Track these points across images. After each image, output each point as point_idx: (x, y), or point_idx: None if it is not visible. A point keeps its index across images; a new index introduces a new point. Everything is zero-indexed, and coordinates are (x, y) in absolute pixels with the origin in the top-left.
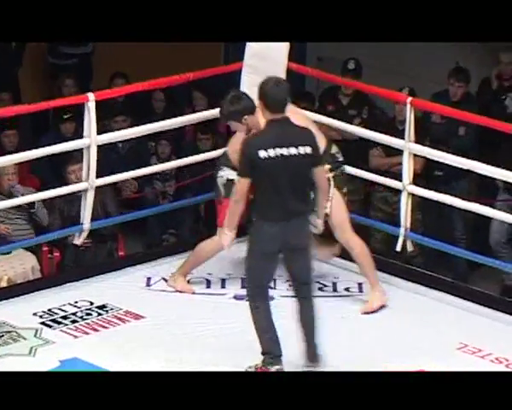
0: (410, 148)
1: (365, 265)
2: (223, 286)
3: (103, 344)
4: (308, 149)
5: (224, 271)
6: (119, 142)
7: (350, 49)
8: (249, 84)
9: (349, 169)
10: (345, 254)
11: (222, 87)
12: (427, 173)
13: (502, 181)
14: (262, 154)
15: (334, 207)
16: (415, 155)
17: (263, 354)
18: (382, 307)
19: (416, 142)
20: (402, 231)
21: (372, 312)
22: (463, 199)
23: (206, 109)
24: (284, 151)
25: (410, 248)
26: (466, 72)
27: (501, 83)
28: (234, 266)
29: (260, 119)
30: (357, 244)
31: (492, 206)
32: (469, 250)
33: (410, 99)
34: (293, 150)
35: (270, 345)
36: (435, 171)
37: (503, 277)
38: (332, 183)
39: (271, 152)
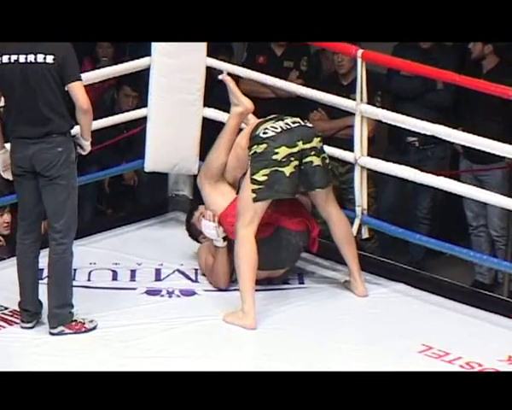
0: (362, 111)
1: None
2: (132, 279)
3: None
4: (49, 58)
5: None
6: None
7: None
8: None
9: None
10: None
11: None
12: (397, 139)
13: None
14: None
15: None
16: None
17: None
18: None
19: (369, 102)
20: (358, 211)
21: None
22: (433, 173)
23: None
24: (22, 58)
25: (365, 234)
26: None
27: None
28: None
29: None
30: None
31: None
32: (434, 234)
33: (360, 52)
34: (31, 57)
35: None
36: (407, 137)
37: (475, 269)
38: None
39: (6, 58)
